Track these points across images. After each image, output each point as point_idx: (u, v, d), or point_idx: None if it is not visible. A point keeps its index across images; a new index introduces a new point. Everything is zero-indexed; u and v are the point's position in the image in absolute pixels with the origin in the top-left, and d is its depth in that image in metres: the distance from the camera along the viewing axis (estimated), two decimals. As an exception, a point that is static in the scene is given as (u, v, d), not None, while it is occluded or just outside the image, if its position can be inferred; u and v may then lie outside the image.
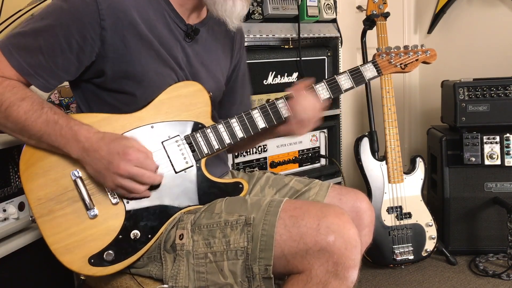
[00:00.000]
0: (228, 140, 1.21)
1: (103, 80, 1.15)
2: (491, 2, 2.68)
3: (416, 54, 1.36)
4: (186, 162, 1.17)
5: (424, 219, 2.25)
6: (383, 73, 1.33)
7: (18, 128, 1.07)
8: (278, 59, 2.20)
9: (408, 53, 1.35)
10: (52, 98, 1.81)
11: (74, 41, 1.08)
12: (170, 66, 1.19)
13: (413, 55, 1.35)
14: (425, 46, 1.37)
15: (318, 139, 2.45)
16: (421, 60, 1.37)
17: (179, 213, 1.16)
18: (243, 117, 1.22)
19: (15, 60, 1.07)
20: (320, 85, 1.27)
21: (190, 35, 1.24)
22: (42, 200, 1.10)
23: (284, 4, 2.13)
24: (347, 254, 1.02)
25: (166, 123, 1.17)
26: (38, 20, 1.10)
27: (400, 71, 1.35)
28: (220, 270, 1.08)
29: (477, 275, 2.22)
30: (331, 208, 1.09)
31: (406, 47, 1.36)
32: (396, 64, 1.34)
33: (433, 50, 1.37)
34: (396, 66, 1.34)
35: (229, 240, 1.08)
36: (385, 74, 1.34)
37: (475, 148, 2.25)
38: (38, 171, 1.11)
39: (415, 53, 1.36)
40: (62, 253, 1.09)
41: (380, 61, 1.33)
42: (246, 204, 1.12)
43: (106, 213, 1.11)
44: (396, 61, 1.34)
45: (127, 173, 1.05)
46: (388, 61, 1.34)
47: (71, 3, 1.08)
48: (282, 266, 1.06)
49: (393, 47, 1.35)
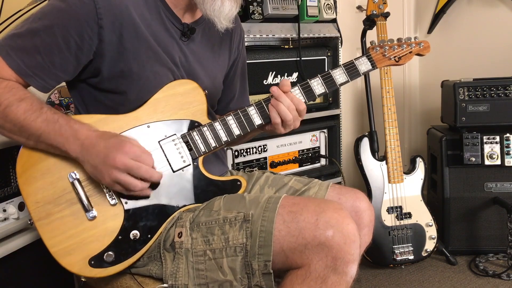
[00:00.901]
0: (225, 137, 1.21)
1: (99, 80, 1.15)
2: (491, 2, 2.68)
3: (410, 46, 1.35)
4: (183, 161, 1.17)
5: (424, 219, 2.25)
6: (378, 66, 1.33)
7: (17, 128, 1.07)
8: (278, 59, 2.20)
9: (402, 45, 1.35)
10: (52, 98, 1.81)
11: (72, 41, 1.08)
12: (167, 65, 1.20)
13: (406, 48, 1.35)
14: (418, 38, 1.37)
15: (318, 139, 2.45)
16: (415, 52, 1.36)
17: (178, 212, 1.16)
18: (239, 114, 1.22)
19: (13, 61, 1.07)
20: (315, 80, 1.27)
21: (187, 34, 1.25)
22: (40, 203, 1.09)
23: (284, 4, 2.13)
24: (346, 249, 1.02)
25: (163, 122, 1.17)
26: (35, 20, 1.09)
27: (394, 63, 1.35)
28: (219, 267, 1.08)
29: (477, 275, 2.22)
30: (330, 203, 1.09)
31: (399, 40, 1.36)
32: (390, 57, 1.34)
33: (426, 42, 1.37)
34: (390, 59, 1.34)
35: (228, 237, 1.08)
36: (379, 67, 1.33)
37: (475, 148, 2.25)
38: (35, 174, 1.11)
39: (408, 45, 1.35)
40: (62, 255, 1.09)
41: (374, 54, 1.33)
42: (245, 201, 1.12)
43: (105, 214, 1.11)
44: (390, 54, 1.34)
45: (123, 165, 1.03)
46: (382, 54, 1.33)
47: (68, 2, 1.08)
48: (281, 262, 1.06)
49: (387, 40, 1.35)
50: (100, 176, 1.06)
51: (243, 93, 1.53)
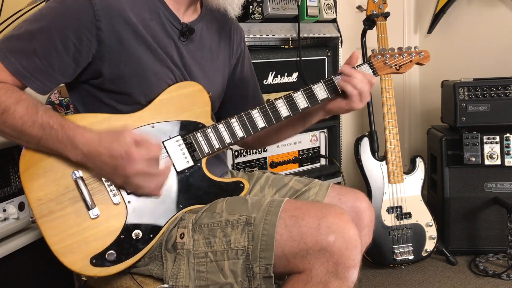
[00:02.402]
0: (228, 139, 1.21)
1: (100, 81, 1.15)
2: (491, 2, 2.68)
3: (410, 55, 1.37)
4: (187, 161, 1.18)
5: (424, 219, 2.25)
6: (379, 74, 1.34)
7: (16, 133, 1.06)
8: (278, 59, 2.20)
9: (402, 54, 1.36)
10: (52, 98, 1.81)
11: (70, 43, 1.07)
12: (167, 65, 1.19)
13: (407, 56, 1.37)
14: (418, 48, 1.39)
15: (318, 139, 2.45)
16: (415, 61, 1.38)
17: (180, 213, 1.16)
18: (242, 117, 1.23)
19: (11, 63, 1.06)
20: (318, 85, 1.27)
21: (185, 34, 1.24)
22: (43, 200, 1.09)
23: (284, 4, 2.13)
24: (348, 254, 1.02)
25: (167, 123, 1.18)
26: (32, 22, 1.08)
27: (395, 72, 1.37)
28: (220, 270, 1.08)
29: (477, 275, 2.22)
30: (332, 208, 1.09)
31: (400, 49, 1.38)
32: (391, 65, 1.36)
33: (426, 51, 1.38)
34: (391, 67, 1.36)
35: (230, 240, 1.08)
36: (380, 75, 1.35)
37: (475, 148, 2.25)
38: (38, 171, 1.10)
39: (409, 54, 1.37)
40: (63, 253, 1.08)
41: (375, 62, 1.34)
42: (247, 204, 1.12)
43: (108, 213, 1.11)
44: (391, 62, 1.35)
45: (135, 172, 1.05)
46: (383, 62, 1.35)
47: (66, 4, 1.08)
48: (282, 266, 1.06)
49: (388, 49, 1.36)
50: (112, 180, 1.10)
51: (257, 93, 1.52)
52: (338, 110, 1.30)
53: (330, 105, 1.30)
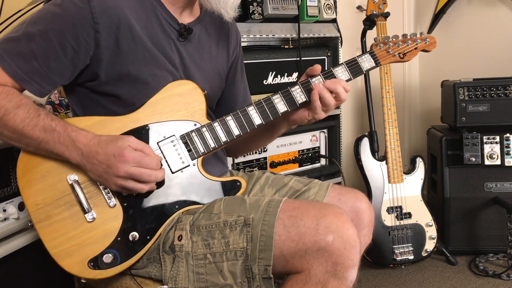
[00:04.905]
0: (224, 138, 1.20)
1: (97, 83, 1.15)
2: (491, 2, 2.68)
3: (415, 42, 1.32)
4: (182, 162, 1.17)
5: (424, 219, 2.25)
6: (382, 63, 1.30)
7: (16, 135, 1.07)
8: (278, 59, 2.20)
9: (407, 41, 1.31)
10: (52, 98, 1.81)
11: (68, 45, 1.08)
12: (165, 67, 1.19)
13: (411, 44, 1.31)
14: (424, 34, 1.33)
15: (318, 139, 2.45)
16: (420, 48, 1.32)
17: (177, 214, 1.16)
18: (238, 114, 1.21)
19: (9, 65, 1.06)
20: (316, 78, 1.26)
21: (184, 35, 1.24)
22: (40, 205, 1.10)
23: (284, 4, 2.13)
24: (346, 254, 1.02)
25: (161, 124, 1.17)
26: (30, 25, 1.08)
27: (399, 60, 1.31)
28: (219, 271, 1.08)
29: (477, 275, 2.22)
30: (330, 208, 1.09)
31: (404, 36, 1.32)
32: (395, 54, 1.30)
33: (432, 37, 1.32)
34: (394, 55, 1.30)
35: (229, 241, 1.08)
36: (383, 64, 1.30)
37: (475, 148, 2.25)
38: (35, 176, 1.11)
39: (413, 41, 1.32)
40: (61, 257, 1.09)
41: (377, 51, 1.30)
42: (245, 204, 1.12)
43: (104, 216, 1.11)
44: (395, 51, 1.30)
45: (126, 174, 1.05)
46: (386, 50, 1.30)
47: (63, 7, 1.08)
48: (281, 266, 1.06)
49: (391, 36, 1.31)
50: (106, 183, 1.09)
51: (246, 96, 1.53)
52: (302, 120, 1.29)
53: (293, 115, 1.29)
